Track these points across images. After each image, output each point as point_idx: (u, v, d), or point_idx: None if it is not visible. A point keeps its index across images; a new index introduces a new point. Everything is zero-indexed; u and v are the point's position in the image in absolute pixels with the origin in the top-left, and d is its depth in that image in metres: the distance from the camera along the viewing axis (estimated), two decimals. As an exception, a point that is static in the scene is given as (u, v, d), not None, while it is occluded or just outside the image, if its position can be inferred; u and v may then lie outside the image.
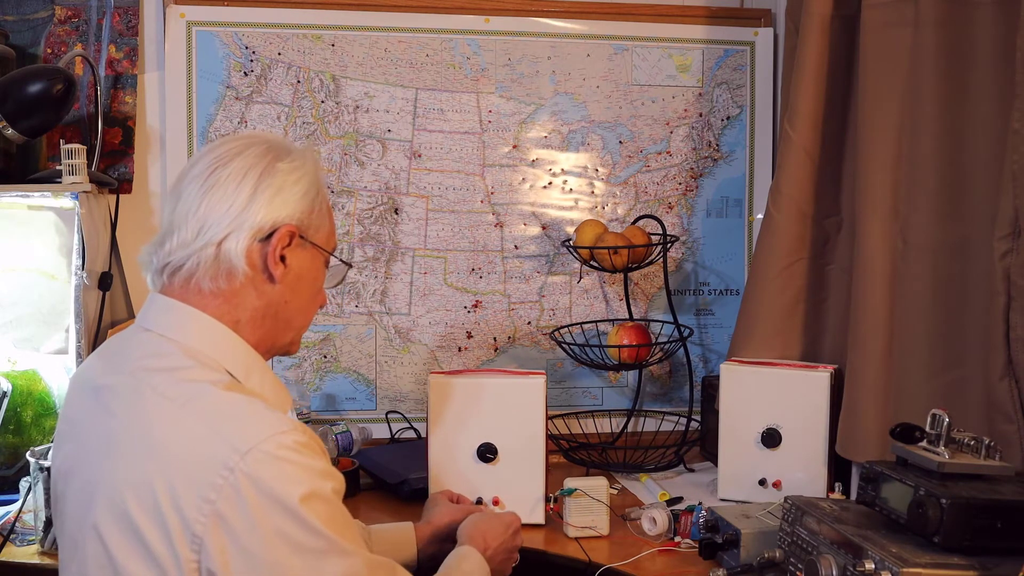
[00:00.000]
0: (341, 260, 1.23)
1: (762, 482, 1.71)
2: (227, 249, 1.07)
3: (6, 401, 1.72)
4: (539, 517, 1.61)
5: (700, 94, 2.19)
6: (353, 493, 1.78)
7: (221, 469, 0.93)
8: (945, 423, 1.22)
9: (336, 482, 1.00)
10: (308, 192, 1.13)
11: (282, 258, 1.11)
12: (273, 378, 1.13)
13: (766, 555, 1.31)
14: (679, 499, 1.73)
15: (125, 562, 0.95)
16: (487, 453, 1.61)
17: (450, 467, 1.63)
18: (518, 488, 1.61)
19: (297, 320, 1.17)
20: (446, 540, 1.44)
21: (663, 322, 2.13)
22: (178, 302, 1.09)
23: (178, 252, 1.08)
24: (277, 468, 0.94)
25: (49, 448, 1.55)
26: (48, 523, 1.50)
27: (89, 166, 1.83)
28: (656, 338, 2.06)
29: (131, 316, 2.00)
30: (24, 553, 1.52)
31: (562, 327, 2.11)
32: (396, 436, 2.07)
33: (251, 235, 1.08)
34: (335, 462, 1.81)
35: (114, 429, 1.01)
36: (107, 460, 1.00)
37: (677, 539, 1.54)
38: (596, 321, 2.16)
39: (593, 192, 2.17)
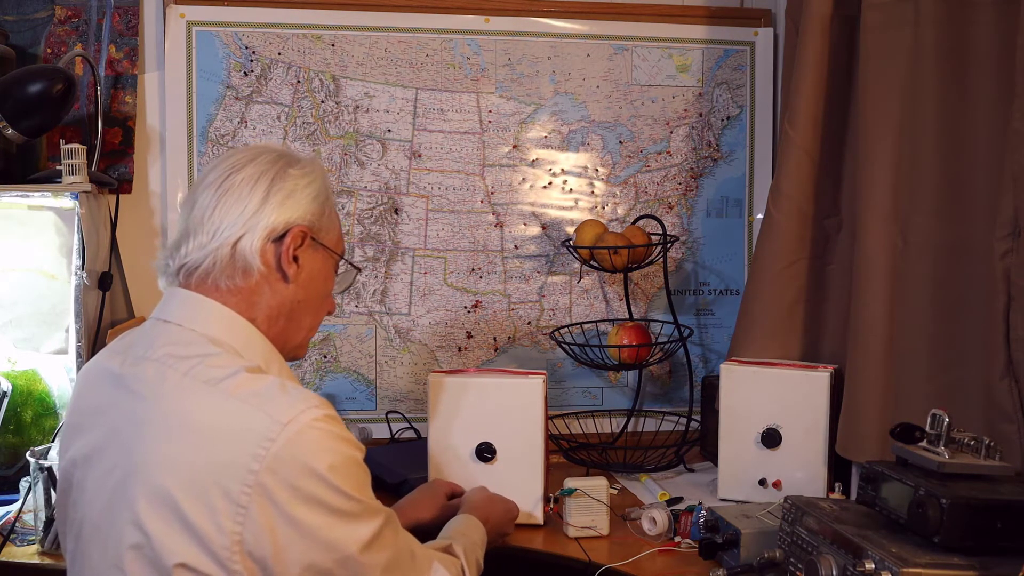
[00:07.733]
0: (352, 264, 1.27)
1: (762, 482, 1.71)
2: (242, 248, 1.11)
3: (6, 401, 1.72)
4: (539, 517, 1.61)
5: (700, 94, 2.19)
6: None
7: (263, 441, 0.98)
8: (945, 423, 1.22)
9: (361, 451, 1.07)
10: (318, 196, 1.18)
11: (295, 258, 1.15)
12: (291, 372, 1.17)
13: (766, 555, 1.31)
14: (679, 499, 1.73)
15: (165, 541, 0.97)
16: (485, 453, 1.61)
17: (450, 467, 1.63)
18: (518, 488, 1.60)
19: (307, 320, 1.21)
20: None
21: (663, 322, 2.13)
22: (198, 295, 1.12)
23: (195, 253, 1.12)
24: (314, 439, 1.00)
25: (49, 448, 1.55)
26: (48, 523, 1.50)
27: (89, 166, 1.83)
28: (656, 338, 2.06)
29: (131, 316, 2.00)
30: (24, 553, 1.52)
31: (562, 327, 2.11)
32: (396, 436, 2.07)
33: (265, 235, 1.13)
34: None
35: (146, 412, 1.03)
36: (140, 443, 1.02)
37: (677, 539, 1.53)
38: (596, 321, 2.16)
39: (593, 192, 2.16)
